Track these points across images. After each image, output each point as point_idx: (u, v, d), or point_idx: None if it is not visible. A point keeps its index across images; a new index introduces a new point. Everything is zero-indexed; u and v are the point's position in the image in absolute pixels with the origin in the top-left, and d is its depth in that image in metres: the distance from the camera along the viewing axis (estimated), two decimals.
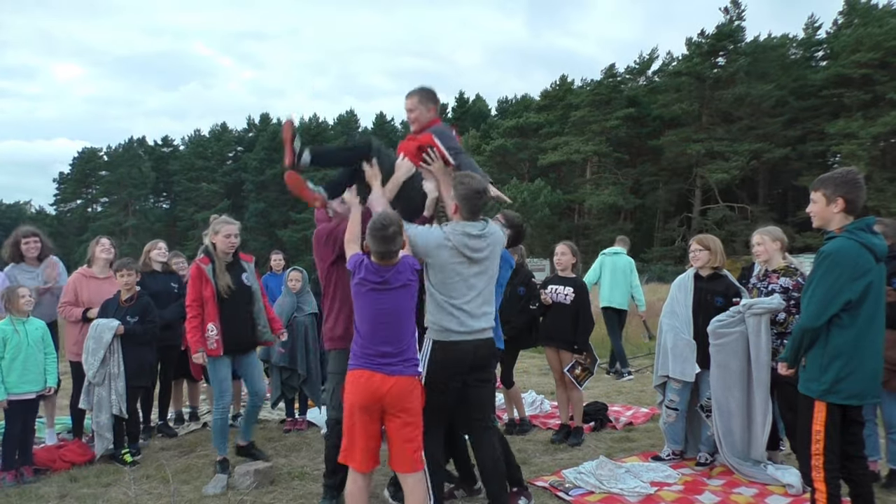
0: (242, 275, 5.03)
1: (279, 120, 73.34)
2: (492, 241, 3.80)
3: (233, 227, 5.01)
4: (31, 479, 4.85)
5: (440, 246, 3.67)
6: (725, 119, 47.72)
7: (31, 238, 5.85)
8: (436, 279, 3.71)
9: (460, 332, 3.68)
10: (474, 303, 3.73)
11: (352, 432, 3.46)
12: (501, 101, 70.45)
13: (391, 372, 3.39)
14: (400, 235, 3.44)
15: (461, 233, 3.69)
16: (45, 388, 5.09)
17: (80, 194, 76.86)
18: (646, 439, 5.89)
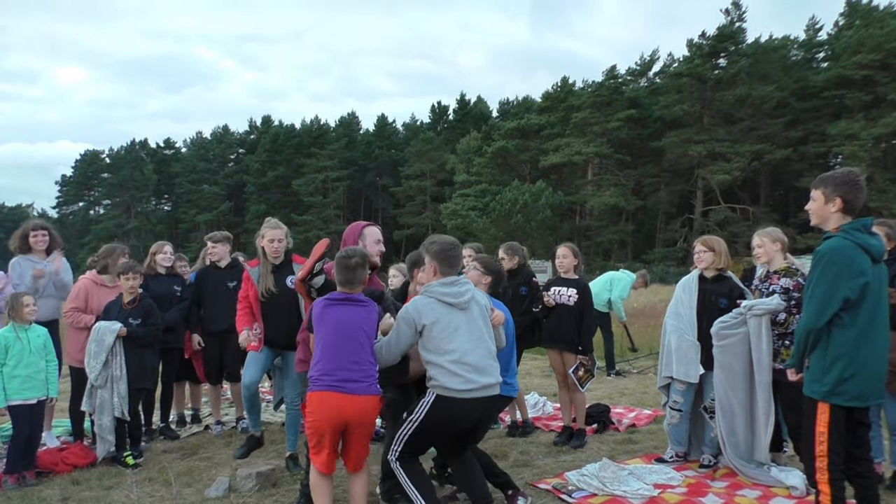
0: (288, 278, 5.02)
1: (281, 122, 73.48)
2: (469, 288, 3.87)
3: (278, 231, 5.07)
4: (33, 481, 4.84)
5: (425, 305, 3.73)
6: (727, 120, 47.72)
7: (40, 231, 5.92)
8: (431, 342, 3.70)
9: (465, 390, 3.63)
10: (475, 355, 3.70)
11: (320, 443, 3.65)
12: (503, 102, 70.60)
13: (357, 391, 3.56)
14: (363, 268, 3.76)
15: (437, 285, 3.79)
16: (47, 397, 5.08)
17: (83, 197, 77.05)
18: (649, 441, 5.88)
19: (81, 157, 76.88)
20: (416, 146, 63.54)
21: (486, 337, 3.83)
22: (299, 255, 5.21)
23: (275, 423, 6.78)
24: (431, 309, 3.72)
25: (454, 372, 3.62)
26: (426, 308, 3.72)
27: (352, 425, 3.61)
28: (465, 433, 3.82)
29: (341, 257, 3.74)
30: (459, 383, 3.61)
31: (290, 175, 66.06)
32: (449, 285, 3.79)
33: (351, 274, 3.72)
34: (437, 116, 72.48)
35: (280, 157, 68.00)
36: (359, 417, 3.59)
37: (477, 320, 3.81)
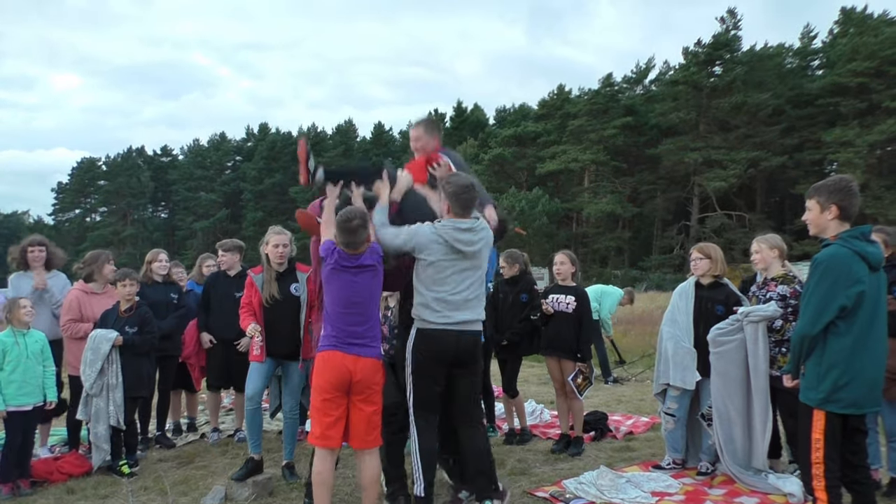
0: (292, 285, 5.03)
1: (278, 129, 73.58)
2: (483, 237, 3.94)
3: (282, 237, 5.10)
4: (27, 491, 4.81)
5: (432, 241, 3.82)
6: (723, 127, 47.90)
7: (37, 247, 5.86)
8: (425, 275, 3.87)
9: (441, 323, 3.85)
10: (458, 295, 3.87)
11: (322, 410, 3.68)
12: (499, 110, 70.69)
13: (361, 353, 3.65)
14: (364, 228, 3.75)
15: (451, 228, 3.84)
16: (45, 402, 5.05)
17: (79, 204, 76.92)
18: (646, 449, 5.87)
19: (78, 165, 76.84)
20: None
21: (477, 283, 3.96)
22: (303, 264, 5.18)
23: (271, 432, 6.75)
24: (437, 248, 3.84)
25: (433, 308, 3.85)
26: (431, 245, 3.84)
27: (356, 387, 3.65)
28: (452, 369, 3.94)
29: (342, 221, 3.74)
30: (437, 317, 3.85)
31: (287, 182, 66.00)
32: (464, 231, 3.87)
33: (353, 235, 3.73)
34: None
35: (277, 165, 68.00)
36: (363, 377, 3.65)
37: (478, 269, 3.95)
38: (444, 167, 4.27)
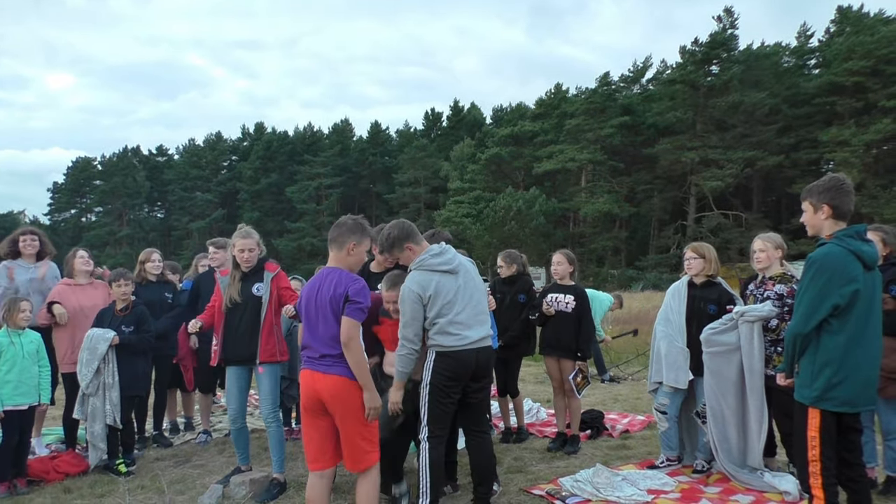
0: (255, 285, 4.87)
1: (274, 129, 73.54)
2: (454, 252, 4.11)
3: (248, 241, 4.89)
4: (24, 490, 4.81)
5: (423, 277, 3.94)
6: (719, 127, 48.00)
7: (29, 235, 5.90)
8: (433, 309, 3.92)
9: (460, 346, 3.92)
10: (466, 314, 3.97)
11: (304, 431, 3.69)
12: (496, 109, 70.81)
13: (327, 371, 3.54)
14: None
15: (428, 256, 4.01)
16: (39, 403, 5.05)
17: (75, 204, 76.78)
18: (642, 447, 5.88)
19: (73, 164, 76.71)
20: (409, 153, 63.60)
21: (477, 296, 4.09)
22: (273, 263, 5.04)
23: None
24: (430, 280, 3.93)
25: (449, 332, 3.91)
26: (425, 280, 3.93)
27: (328, 405, 3.52)
28: (468, 383, 4.02)
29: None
30: (454, 341, 3.91)
31: (283, 182, 66.04)
32: (438, 255, 4.02)
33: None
34: (431, 123, 72.60)
35: (273, 165, 67.99)
36: (331, 396, 3.48)
37: (468, 283, 4.06)
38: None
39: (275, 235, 63.13)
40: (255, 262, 4.92)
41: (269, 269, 4.95)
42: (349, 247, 3.69)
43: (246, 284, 4.86)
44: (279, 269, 5.00)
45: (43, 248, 5.96)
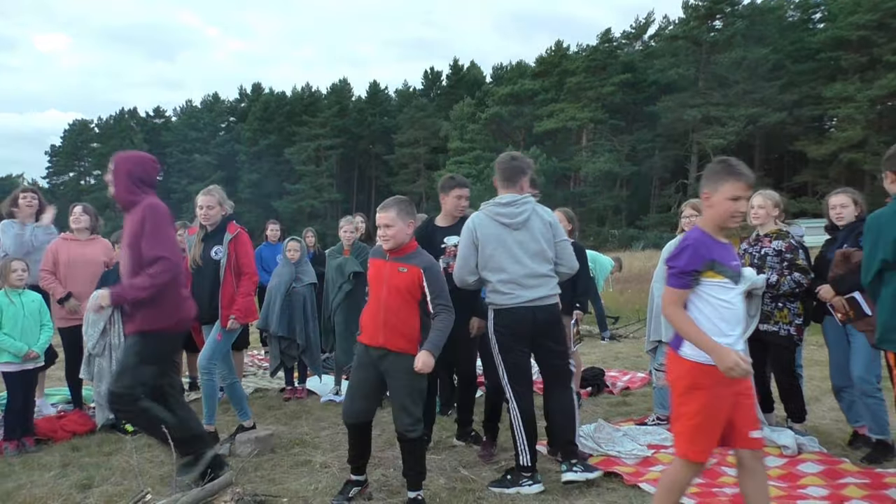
0: (214, 248, 4.78)
1: (271, 89, 72.69)
2: (527, 208, 4.02)
3: (208, 197, 4.78)
4: (33, 448, 4.89)
5: (480, 220, 4.02)
6: (722, 84, 47.41)
7: (30, 193, 5.94)
8: (483, 258, 3.98)
9: (514, 303, 3.93)
10: (521, 273, 3.94)
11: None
12: (496, 67, 69.75)
13: None
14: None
15: (492, 205, 4.07)
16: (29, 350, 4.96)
17: (73, 167, 76.42)
18: (642, 403, 5.96)
19: (70, 127, 76.10)
20: (409, 113, 63.01)
21: (538, 255, 3.99)
22: (234, 225, 4.87)
23: (272, 390, 6.84)
24: (485, 226, 4.00)
25: (501, 291, 3.95)
26: (480, 224, 4.02)
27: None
28: (532, 339, 4.03)
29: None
30: (506, 299, 3.94)
31: (282, 143, 65.51)
32: (505, 205, 4.02)
33: None
34: (431, 83, 71.73)
35: (272, 126, 67.38)
36: None
37: (530, 241, 3.98)
38: None
39: (274, 197, 62.93)
40: (215, 221, 4.81)
41: (230, 230, 4.81)
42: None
43: (207, 246, 4.80)
44: (239, 230, 4.85)
45: (42, 206, 6.01)
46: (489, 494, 3.85)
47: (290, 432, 5.25)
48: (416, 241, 3.82)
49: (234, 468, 4.34)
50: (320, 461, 4.52)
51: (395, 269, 3.65)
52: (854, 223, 4.46)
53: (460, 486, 4.00)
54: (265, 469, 4.38)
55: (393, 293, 3.63)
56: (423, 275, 3.62)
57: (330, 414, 5.82)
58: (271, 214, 50.03)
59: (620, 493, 3.84)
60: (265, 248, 7.95)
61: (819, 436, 4.72)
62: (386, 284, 3.65)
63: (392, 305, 3.62)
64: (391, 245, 3.66)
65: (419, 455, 3.70)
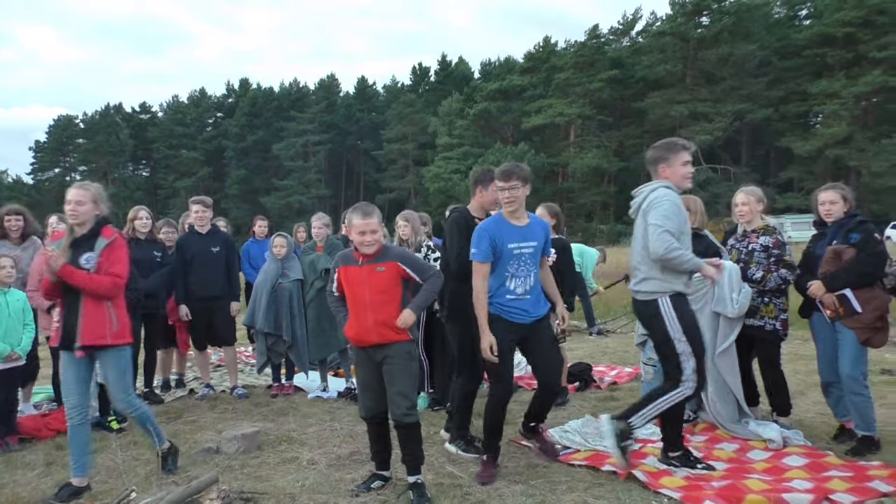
0: (84, 255, 3.91)
1: (259, 85, 72.31)
2: (638, 200, 4.26)
3: (77, 191, 3.99)
4: (16, 447, 4.84)
5: None
6: (709, 80, 47.60)
7: (14, 216, 5.74)
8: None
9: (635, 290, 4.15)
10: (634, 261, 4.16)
11: None
12: (485, 63, 69.73)
13: None
14: None
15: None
16: (11, 352, 4.90)
17: (58, 163, 75.50)
18: (630, 398, 5.96)
19: (55, 123, 75.16)
20: (397, 109, 62.82)
21: (637, 245, 4.18)
22: (111, 229, 4.08)
23: (259, 387, 6.82)
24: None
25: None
26: None
27: None
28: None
29: None
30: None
31: (269, 139, 65.15)
32: (633, 197, 4.28)
33: None
34: (419, 78, 71.57)
35: (259, 121, 66.99)
36: None
37: (637, 230, 4.17)
38: None
39: (262, 193, 62.63)
40: (85, 221, 3.98)
41: (105, 234, 4.00)
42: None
43: (77, 252, 3.92)
44: (117, 235, 4.06)
45: (27, 227, 5.79)
46: (476, 490, 3.85)
47: (277, 429, 5.23)
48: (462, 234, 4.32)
49: (219, 465, 4.33)
50: (307, 458, 4.50)
51: (372, 271, 3.71)
52: (843, 219, 4.48)
53: (447, 481, 4.00)
54: (251, 466, 4.36)
55: (376, 294, 3.70)
56: (401, 265, 3.75)
57: (317, 410, 5.80)
58: (259, 210, 49.62)
59: (608, 488, 3.86)
60: (252, 244, 7.91)
61: (804, 429, 4.76)
62: (367, 287, 3.71)
63: (378, 305, 3.70)
64: (375, 250, 3.69)
65: (417, 439, 3.78)
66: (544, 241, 4.20)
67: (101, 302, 3.90)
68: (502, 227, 4.00)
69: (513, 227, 4.04)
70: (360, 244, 3.71)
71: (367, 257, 3.73)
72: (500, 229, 3.99)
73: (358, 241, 3.72)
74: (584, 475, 4.05)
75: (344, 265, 3.82)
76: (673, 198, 3.99)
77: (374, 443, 3.96)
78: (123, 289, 4.04)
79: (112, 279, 3.92)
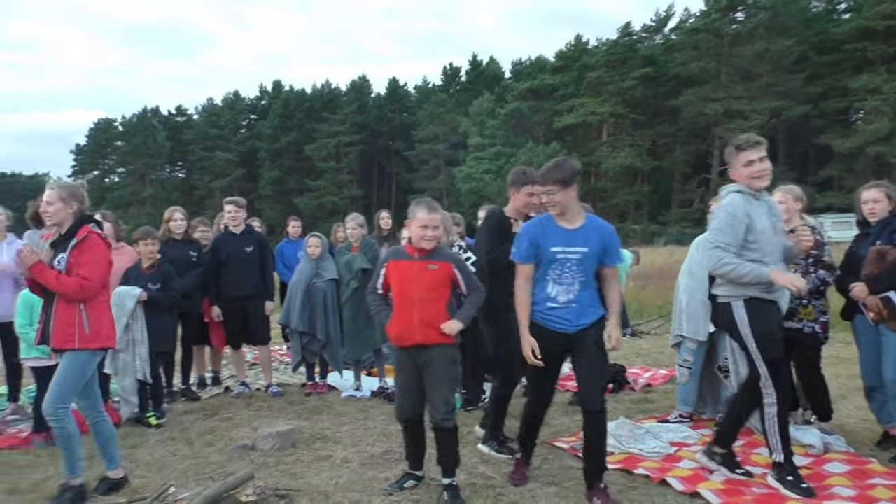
0: (58, 257, 3.81)
1: (291, 87, 73.01)
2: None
3: (47, 192, 3.89)
4: None
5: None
6: (745, 77, 46.74)
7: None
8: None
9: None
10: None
11: None
12: (515, 63, 69.42)
13: None
14: None
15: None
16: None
17: (97, 165, 77.27)
18: (664, 401, 5.90)
19: (94, 126, 76.97)
20: (428, 109, 62.90)
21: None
22: (91, 228, 3.90)
23: (293, 385, 6.89)
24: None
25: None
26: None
27: None
28: None
29: None
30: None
31: (302, 140, 65.76)
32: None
33: None
34: (450, 79, 71.60)
35: (292, 123, 67.65)
36: None
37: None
38: None
39: (295, 193, 63.24)
40: (61, 221, 3.86)
41: (80, 234, 3.83)
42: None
43: (56, 252, 3.85)
44: (88, 232, 3.85)
45: None
46: (509, 491, 3.84)
47: (311, 427, 5.28)
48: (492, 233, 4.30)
49: (255, 462, 4.38)
50: (341, 456, 4.54)
51: (424, 268, 3.70)
52: (888, 219, 4.34)
53: (480, 482, 4.00)
54: (286, 464, 4.41)
55: (424, 291, 3.69)
56: (454, 269, 3.76)
57: (350, 409, 5.84)
58: (292, 211, 50.14)
59: (642, 491, 3.82)
60: (286, 244, 8.00)
61: (846, 435, 4.65)
62: (417, 284, 3.70)
63: (426, 303, 3.69)
64: (433, 246, 3.71)
65: (455, 442, 3.79)
66: (601, 247, 3.69)
67: (72, 304, 3.76)
68: (547, 229, 3.70)
69: (559, 230, 3.70)
70: (421, 238, 3.70)
71: (422, 252, 3.72)
72: (545, 230, 3.69)
73: (419, 235, 3.71)
74: (618, 478, 4.01)
75: (395, 260, 3.83)
76: (732, 207, 3.74)
77: (410, 444, 3.97)
78: (96, 291, 3.81)
79: (79, 281, 3.72)
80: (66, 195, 3.86)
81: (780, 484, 3.74)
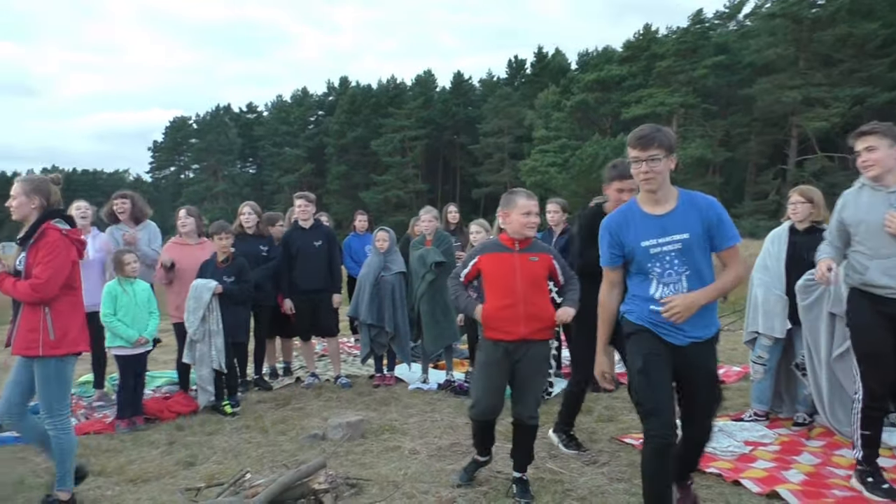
0: (20, 256, 3.58)
1: (358, 83, 74.02)
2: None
3: (16, 186, 3.61)
4: (142, 426, 5.21)
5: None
6: (825, 63, 44.58)
7: (119, 199, 6.25)
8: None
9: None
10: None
11: None
12: (581, 54, 68.17)
13: None
14: None
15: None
16: (139, 337, 5.24)
17: (173, 161, 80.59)
18: (738, 398, 5.72)
19: (171, 124, 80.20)
20: (493, 103, 62.67)
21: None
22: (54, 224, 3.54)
23: (361, 377, 7.00)
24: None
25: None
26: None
27: None
28: None
29: None
30: None
31: (368, 135, 66.64)
32: None
33: None
34: (514, 71, 71.08)
35: (358, 118, 68.62)
36: None
37: None
38: None
39: (362, 188, 64.18)
40: (26, 216, 3.59)
41: (39, 231, 3.52)
42: None
43: (22, 251, 3.58)
44: (45, 228, 3.51)
45: (134, 209, 6.23)
46: (577, 486, 3.81)
47: (379, 418, 5.36)
48: (582, 234, 4.19)
49: (326, 451, 4.49)
50: (409, 447, 4.59)
51: (526, 260, 3.62)
52: None
53: (548, 476, 3.98)
54: (356, 454, 4.50)
55: (528, 283, 3.59)
56: (553, 260, 3.71)
57: (418, 401, 5.90)
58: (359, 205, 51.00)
59: (715, 490, 3.72)
60: (353, 238, 8.13)
61: None
62: (520, 276, 3.59)
63: (531, 295, 3.60)
64: (534, 233, 3.70)
65: (533, 439, 3.76)
66: (703, 228, 2.95)
67: (36, 308, 3.47)
68: (630, 221, 3.05)
69: (647, 218, 3.02)
70: (524, 225, 3.59)
71: (522, 244, 3.64)
72: (628, 223, 3.05)
73: (522, 223, 3.59)
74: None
75: (489, 252, 3.69)
76: (842, 201, 4.07)
77: (482, 439, 3.90)
78: (52, 292, 3.44)
79: (30, 283, 3.41)
80: (30, 189, 3.56)
81: (862, 486, 3.59)
